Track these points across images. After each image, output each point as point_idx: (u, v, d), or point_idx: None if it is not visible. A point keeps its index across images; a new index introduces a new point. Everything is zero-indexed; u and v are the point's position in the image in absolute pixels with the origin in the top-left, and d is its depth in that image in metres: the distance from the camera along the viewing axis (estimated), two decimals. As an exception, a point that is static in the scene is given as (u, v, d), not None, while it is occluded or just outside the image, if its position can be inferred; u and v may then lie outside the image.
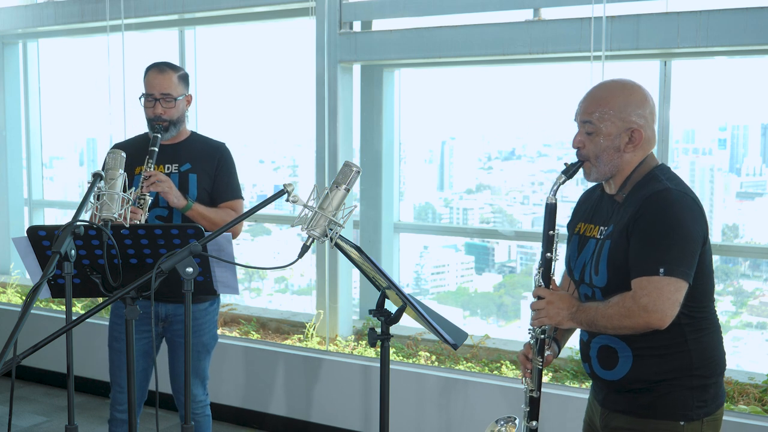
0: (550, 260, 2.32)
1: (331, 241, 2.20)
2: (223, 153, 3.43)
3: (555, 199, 2.31)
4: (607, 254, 2.22)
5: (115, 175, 2.57)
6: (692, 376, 2.22)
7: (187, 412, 2.24)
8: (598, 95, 2.29)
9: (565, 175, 2.29)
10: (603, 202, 2.37)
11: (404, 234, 5.51)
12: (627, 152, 2.26)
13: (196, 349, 3.39)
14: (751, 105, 4.74)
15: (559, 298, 2.27)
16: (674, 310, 2.11)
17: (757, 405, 3.96)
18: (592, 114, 2.26)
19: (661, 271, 2.09)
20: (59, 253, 2.23)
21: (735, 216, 4.82)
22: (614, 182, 2.31)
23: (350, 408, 4.52)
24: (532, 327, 2.36)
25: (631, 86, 2.30)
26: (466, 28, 4.61)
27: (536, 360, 2.36)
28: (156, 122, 3.28)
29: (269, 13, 5.38)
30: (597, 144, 2.26)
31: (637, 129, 2.24)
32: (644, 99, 2.28)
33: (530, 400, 2.39)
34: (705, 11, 3.98)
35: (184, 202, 3.23)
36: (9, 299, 6.23)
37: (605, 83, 2.34)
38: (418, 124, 5.56)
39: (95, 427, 4.86)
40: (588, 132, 2.27)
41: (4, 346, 1.98)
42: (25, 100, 6.85)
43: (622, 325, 2.14)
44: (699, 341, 2.22)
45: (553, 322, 2.28)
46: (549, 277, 2.32)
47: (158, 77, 3.30)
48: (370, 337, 2.38)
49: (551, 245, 2.31)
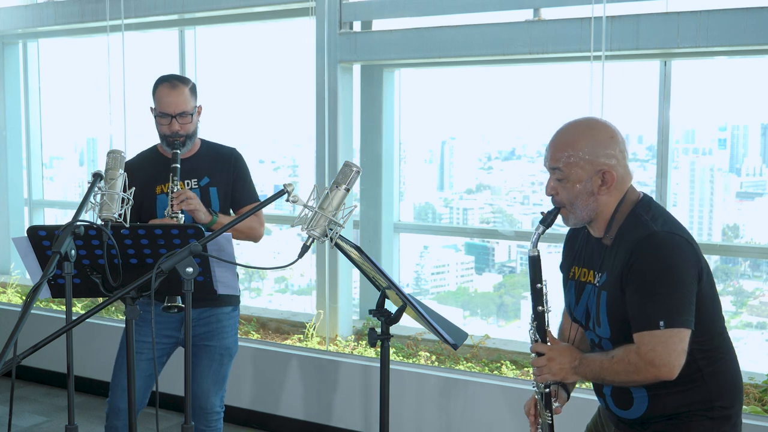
0: (542, 313, 2.26)
1: (331, 241, 2.20)
2: (237, 159, 3.42)
3: (537, 251, 2.24)
4: (606, 307, 2.17)
5: (115, 175, 2.57)
6: (713, 408, 2.16)
7: (187, 412, 2.23)
8: (563, 140, 2.21)
9: (543, 224, 2.23)
10: (590, 244, 2.30)
11: (404, 234, 5.51)
12: (602, 195, 2.18)
13: (219, 353, 3.32)
14: (751, 105, 4.74)
15: (559, 353, 2.20)
16: (681, 359, 2.06)
17: (757, 405, 3.95)
18: (559, 161, 2.18)
19: (661, 324, 2.04)
20: (59, 253, 2.23)
21: (735, 216, 4.82)
22: (597, 226, 2.24)
23: (350, 408, 4.52)
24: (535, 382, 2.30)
25: (596, 125, 2.22)
26: (466, 28, 4.61)
27: (545, 415, 2.30)
28: (174, 139, 3.23)
29: (269, 13, 5.38)
30: (569, 190, 2.18)
31: (608, 170, 2.16)
32: (612, 137, 2.18)
33: None
34: (705, 11, 3.98)
35: (210, 217, 3.22)
36: (9, 299, 6.23)
37: (568, 126, 2.25)
38: (418, 124, 5.56)
39: (95, 427, 4.86)
40: (558, 179, 2.20)
41: (4, 346, 1.98)
42: (25, 100, 6.85)
43: (630, 379, 2.10)
44: (715, 373, 2.16)
45: (557, 378, 2.21)
46: (545, 331, 2.26)
47: (172, 94, 3.24)
48: (370, 337, 2.38)
49: (541, 299, 2.25)
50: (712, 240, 4.74)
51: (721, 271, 4.90)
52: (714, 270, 4.90)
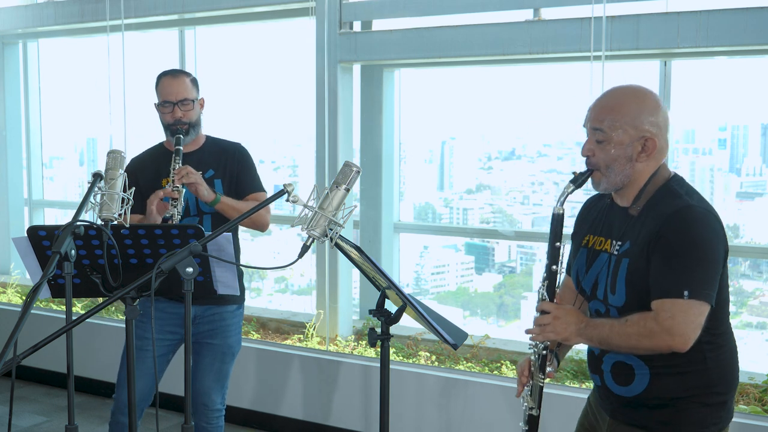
0: (555, 273, 2.22)
1: (331, 241, 2.20)
2: (242, 153, 3.46)
3: (562, 209, 2.20)
4: (626, 273, 2.14)
5: (115, 175, 2.57)
6: (711, 393, 2.16)
7: (187, 412, 2.24)
8: (609, 102, 2.19)
9: (574, 184, 2.19)
10: (614, 214, 2.26)
11: (404, 234, 5.51)
12: (640, 162, 2.16)
13: (221, 351, 3.34)
14: (751, 105, 4.74)
15: (565, 313, 2.16)
16: (697, 333, 2.05)
17: (757, 405, 3.95)
18: (603, 122, 2.15)
19: (685, 293, 2.02)
20: (59, 253, 2.23)
21: (735, 216, 4.82)
22: (626, 194, 2.21)
23: (350, 408, 4.52)
24: (534, 342, 2.27)
25: (643, 93, 2.20)
26: (466, 28, 4.61)
27: (538, 377, 2.28)
28: (177, 126, 3.29)
29: (269, 13, 5.38)
30: (608, 153, 2.15)
31: (651, 137, 2.14)
32: (657, 106, 2.18)
33: (529, 419, 2.32)
34: (705, 11, 3.98)
35: (213, 195, 3.23)
36: (9, 299, 6.23)
37: (617, 89, 2.23)
38: (418, 124, 5.56)
39: (95, 427, 4.86)
40: (598, 140, 2.17)
41: (4, 346, 1.98)
42: (25, 100, 6.85)
43: (640, 345, 2.07)
44: (718, 359, 2.17)
45: (560, 337, 2.17)
46: (554, 291, 2.23)
47: (173, 83, 3.33)
48: (370, 337, 2.37)
49: (557, 258, 2.22)
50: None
51: (721, 271, 4.90)
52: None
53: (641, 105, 2.16)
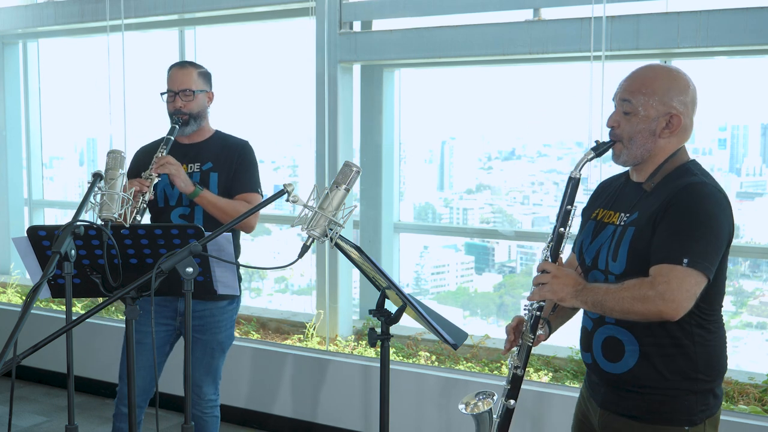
0: (562, 235, 2.23)
1: (331, 241, 2.20)
2: (244, 149, 3.44)
3: (579, 174, 2.21)
4: (630, 240, 2.15)
5: (115, 175, 2.58)
6: (697, 380, 2.17)
7: (187, 412, 2.24)
8: (641, 75, 2.21)
9: (595, 152, 2.21)
10: (627, 189, 2.30)
11: (404, 234, 5.51)
12: (662, 138, 2.19)
13: (211, 347, 3.38)
14: (751, 105, 4.74)
15: (565, 274, 2.17)
16: (690, 303, 2.05)
17: (757, 405, 3.96)
18: (633, 93, 2.19)
19: (685, 261, 2.02)
20: (59, 253, 2.24)
21: (735, 216, 4.80)
22: (644, 169, 2.24)
23: (350, 408, 4.52)
24: (529, 302, 2.28)
25: (676, 72, 2.23)
26: (466, 28, 4.61)
27: (527, 336, 2.29)
28: (176, 116, 3.33)
29: (269, 13, 5.38)
30: (633, 125, 2.18)
31: (677, 114, 2.17)
32: (687, 86, 2.20)
33: (513, 378, 2.31)
34: (705, 11, 3.98)
35: (192, 188, 3.22)
36: (9, 299, 6.23)
37: (650, 65, 2.26)
38: (418, 124, 5.56)
39: (95, 427, 4.86)
40: (625, 111, 2.20)
41: (4, 346, 1.98)
42: (25, 100, 6.85)
43: (633, 309, 2.06)
44: (705, 344, 2.18)
45: (556, 297, 2.17)
46: (558, 253, 2.24)
47: (178, 73, 3.37)
48: (370, 337, 2.38)
49: (567, 220, 2.23)
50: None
51: (721, 271, 4.90)
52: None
53: (672, 83, 2.19)
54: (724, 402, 4.00)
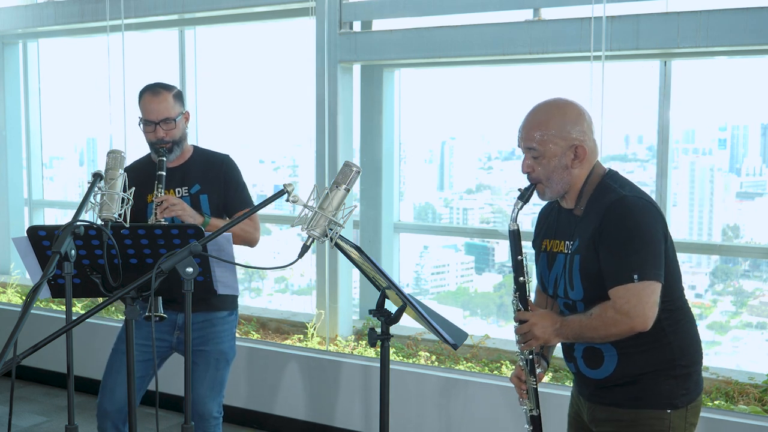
0: (524, 284, 2.39)
1: (331, 241, 2.20)
2: (228, 165, 3.37)
3: (517, 225, 2.38)
4: (579, 268, 2.30)
5: (115, 175, 2.57)
6: (675, 366, 2.30)
7: (187, 412, 2.24)
8: (536, 120, 2.35)
9: (521, 200, 2.36)
10: (561, 217, 2.44)
11: (404, 234, 5.51)
12: (575, 168, 2.33)
13: (214, 357, 3.29)
14: (751, 105, 4.74)
15: (541, 317, 2.33)
16: (654, 311, 2.19)
17: (757, 405, 3.95)
18: (534, 140, 2.32)
19: (635, 277, 2.17)
20: (59, 253, 2.23)
21: (735, 216, 4.82)
22: (569, 197, 2.39)
23: (350, 408, 4.52)
24: (520, 350, 2.42)
25: (564, 104, 2.36)
26: (466, 28, 4.60)
27: (530, 380, 2.44)
28: (159, 146, 3.22)
29: (269, 13, 5.38)
30: (545, 166, 2.33)
31: (580, 144, 2.31)
32: (580, 114, 2.34)
33: (532, 419, 2.47)
34: (705, 11, 3.98)
35: (201, 219, 3.18)
36: (9, 299, 6.23)
37: (538, 107, 2.39)
38: (418, 124, 5.56)
39: (95, 427, 4.85)
40: (534, 157, 2.34)
41: (4, 346, 1.98)
42: (25, 100, 6.85)
43: (608, 334, 2.22)
44: (677, 333, 2.31)
45: (541, 341, 2.34)
46: (527, 300, 2.39)
47: (154, 101, 3.22)
48: (370, 337, 2.37)
49: (521, 270, 2.39)
50: (712, 240, 4.74)
51: (721, 271, 4.90)
52: (714, 270, 4.90)
53: (564, 117, 2.33)
54: (724, 402, 4.00)
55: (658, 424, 2.29)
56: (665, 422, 2.29)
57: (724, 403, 4.01)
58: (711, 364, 4.46)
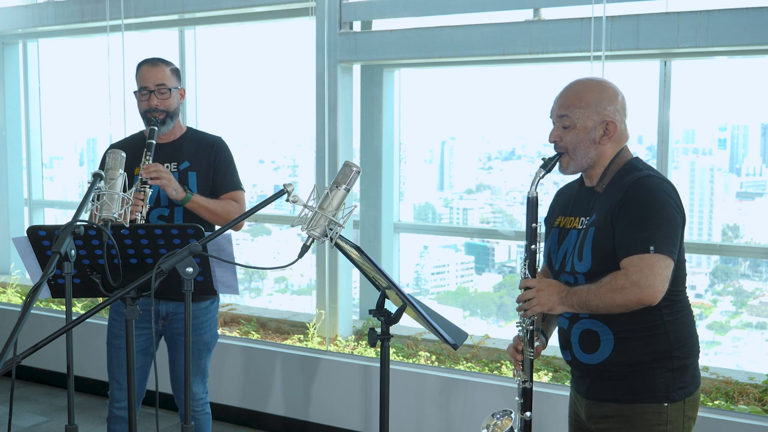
0: (535, 252, 2.40)
1: (331, 241, 2.20)
2: (220, 146, 3.42)
3: (536, 192, 2.40)
4: (592, 239, 2.30)
5: (115, 175, 2.57)
6: (672, 357, 2.30)
7: (187, 412, 2.24)
8: (573, 90, 2.40)
9: (544, 169, 2.38)
10: (581, 195, 2.46)
11: (404, 234, 5.50)
12: (603, 144, 2.36)
13: (197, 347, 3.39)
14: (751, 105, 4.74)
15: (547, 285, 2.33)
16: (664, 286, 2.19)
17: (757, 405, 3.95)
18: (569, 108, 2.36)
19: (651, 248, 2.18)
20: (59, 253, 2.23)
21: (735, 216, 4.82)
22: (593, 174, 2.41)
23: (350, 408, 4.52)
24: (521, 319, 2.42)
25: (603, 82, 2.41)
26: (466, 28, 4.60)
27: (528, 351, 2.42)
28: (152, 114, 3.27)
29: (269, 13, 5.38)
30: (574, 137, 2.36)
31: (612, 121, 2.35)
32: (616, 94, 2.38)
33: (523, 392, 2.45)
34: (705, 11, 3.98)
35: (183, 194, 3.22)
36: (9, 299, 6.23)
37: (578, 80, 2.44)
38: (418, 124, 5.56)
39: (95, 427, 4.86)
40: (564, 126, 2.37)
41: (4, 346, 1.98)
42: (25, 100, 6.85)
43: (614, 302, 2.20)
44: (675, 323, 2.31)
45: (545, 308, 2.32)
46: (535, 269, 2.40)
47: (151, 70, 3.31)
48: (370, 337, 2.38)
49: (535, 237, 2.40)
50: (712, 240, 4.74)
51: (721, 271, 4.90)
52: (714, 270, 4.90)
53: (602, 93, 2.37)
54: (724, 402, 4.00)
55: (656, 418, 2.29)
56: (662, 416, 2.29)
57: (724, 403, 4.01)
58: (711, 364, 4.46)
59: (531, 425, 2.46)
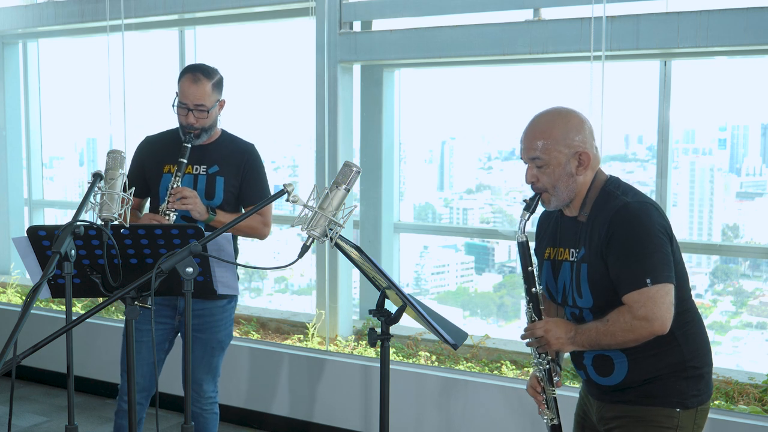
0: (536, 294, 2.41)
1: (331, 241, 2.20)
2: (251, 155, 3.42)
3: (525, 236, 2.40)
4: (587, 277, 2.30)
5: (115, 175, 2.57)
6: (686, 368, 2.31)
7: (187, 412, 2.24)
8: (538, 129, 2.36)
9: (528, 211, 2.38)
10: (564, 224, 2.44)
11: (404, 234, 5.50)
12: (579, 175, 2.34)
13: (211, 345, 3.39)
14: (751, 105, 4.74)
15: (555, 325, 2.34)
16: (671, 312, 2.19)
17: (757, 405, 3.95)
18: (537, 149, 2.33)
19: (648, 281, 2.17)
20: (59, 253, 2.23)
21: (735, 216, 4.82)
22: (573, 205, 2.39)
23: (350, 408, 4.52)
24: (537, 360, 2.43)
25: (565, 112, 2.37)
26: (466, 28, 4.60)
27: (550, 390, 2.45)
28: (188, 131, 3.27)
29: (269, 13, 5.38)
30: (550, 175, 2.33)
31: (584, 151, 2.32)
32: (581, 122, 2.35)
33: (552, 429, 2.48)
34: (705, 11, 3.98)
35: (206, 215, 3.24)
36: (9, 299, 6.23)
37: (540, 116, 2.40)
38: (418, 124, 5.56)
39: (95, 427, 4.86)
40: (538, 166, 2.34)
41: (4, 346, 1.98)
42: (25, 100, 6.85)
43: (626, 339, 2.22)
44: (686, 335, 2.31)
45: (555, 347, 2.34)
46: (539, 311, 2.41)
47: (192, 87, 3.25)
48: (370, 337, 2.38)
49: (533, 281, 2.41)
50: (712, 240, 4.74)
51: (721, 271, 4.90)
52: (714, 270, 4.90)
53: (567, 124, 2.34)
54: (724, 402, 4.00)
55: (667, 422, 2.29)
56: (674, 420, 2.29)
57: (724, 403, 4.01)
58: (711, 364, 4.46)
59: None
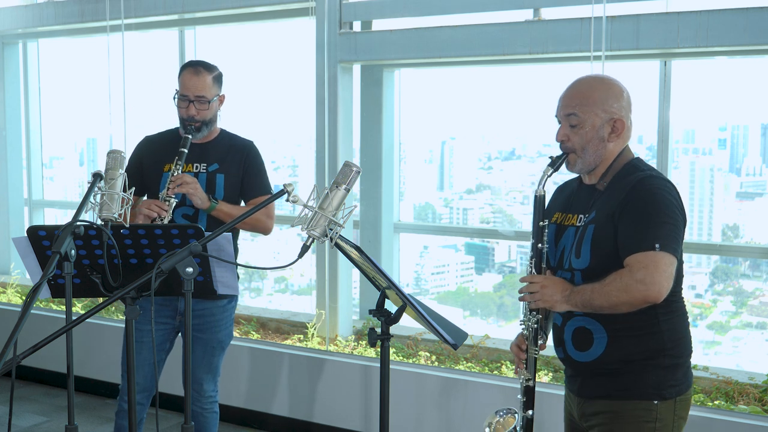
0: (541, 250, 2.41)
1: (331, 241, 2.20)
2: (250, 151, 3.45)
3: (543, 191, 2.40)
4: (591, 237, 2.30)
5: (115, 175, 2.58)
6: (665, 356, 2.30)
7: (188, 412, 2.24)
8: (579, 89, 2.39)
9: (552, 167, 2.38)
10: (581, 192, 2.46)
11: (404, 234, 5.50)
12: (610, 141, 2.36)
13: (211, 345, 3.40)
14: (751, 105, 4.74)
15: (552, 282, 2.34)
16: (669, 283, 2.19)
17: (757, 405, 3.95)
18: (576, 107, 2.35)
19: (656, 246, 2.17)
20: (59, 253, 2.24)
21: (735, 216, 4.82)
22: (596, 172, 2.40)
23: (350, 408, 4.52)
24: (525, 318, 2.42)
25: (608, 80, 2.41)
26: (466, 28, 4.60)
27: (532, 349, 2.43)
28: (189, 123, 3.30)
29: (269, 13, 5.38)
30: (582, 136, 2.35)
31: (620, 119, 2.35)
32: (621, 91, 2.38)
33: (526, 390, 2.45)
34: (705, 11, 3.98)
35: (208, 203, 3.25)
36: (9, 299, 6.23)
37: (583, 78, 2.43)
38: (418, 124, 5.56)
39: (95, 427, 4.86)
40: (572, 125, 2.36)
41: (4, 346, 1.98)
42: (25, 100, 6.85)
43: (619, 300, 2.20)
44: (670, 323, 2.31)
45: (547, 305, 2.33)
46: (541, 267, 2.41)
47: (193, 79, 3.30)
48: (370, 337, 2.38)
49: (542, 236, 2.41)
50: (712, 240, 4.74)
51: (721, 271, 4.90)
52: (714, 270, 4.90)
53: (608, 91, 2.37)
54: (724, 402, 4.00)
55: (646, 415, 2.29)
56: (652, 413, 2.29)
57: (724, 403, 4.01)
58: (711, 364, 4.46)
59: (533, 423, 2.46)
